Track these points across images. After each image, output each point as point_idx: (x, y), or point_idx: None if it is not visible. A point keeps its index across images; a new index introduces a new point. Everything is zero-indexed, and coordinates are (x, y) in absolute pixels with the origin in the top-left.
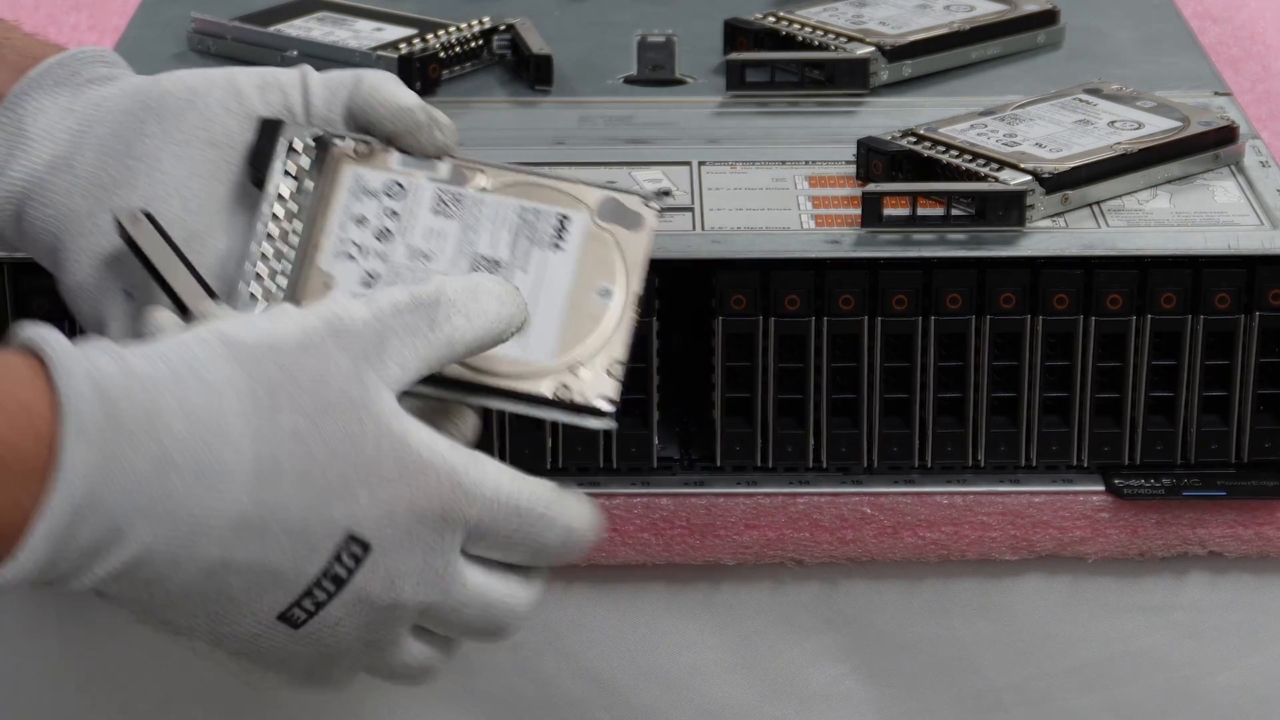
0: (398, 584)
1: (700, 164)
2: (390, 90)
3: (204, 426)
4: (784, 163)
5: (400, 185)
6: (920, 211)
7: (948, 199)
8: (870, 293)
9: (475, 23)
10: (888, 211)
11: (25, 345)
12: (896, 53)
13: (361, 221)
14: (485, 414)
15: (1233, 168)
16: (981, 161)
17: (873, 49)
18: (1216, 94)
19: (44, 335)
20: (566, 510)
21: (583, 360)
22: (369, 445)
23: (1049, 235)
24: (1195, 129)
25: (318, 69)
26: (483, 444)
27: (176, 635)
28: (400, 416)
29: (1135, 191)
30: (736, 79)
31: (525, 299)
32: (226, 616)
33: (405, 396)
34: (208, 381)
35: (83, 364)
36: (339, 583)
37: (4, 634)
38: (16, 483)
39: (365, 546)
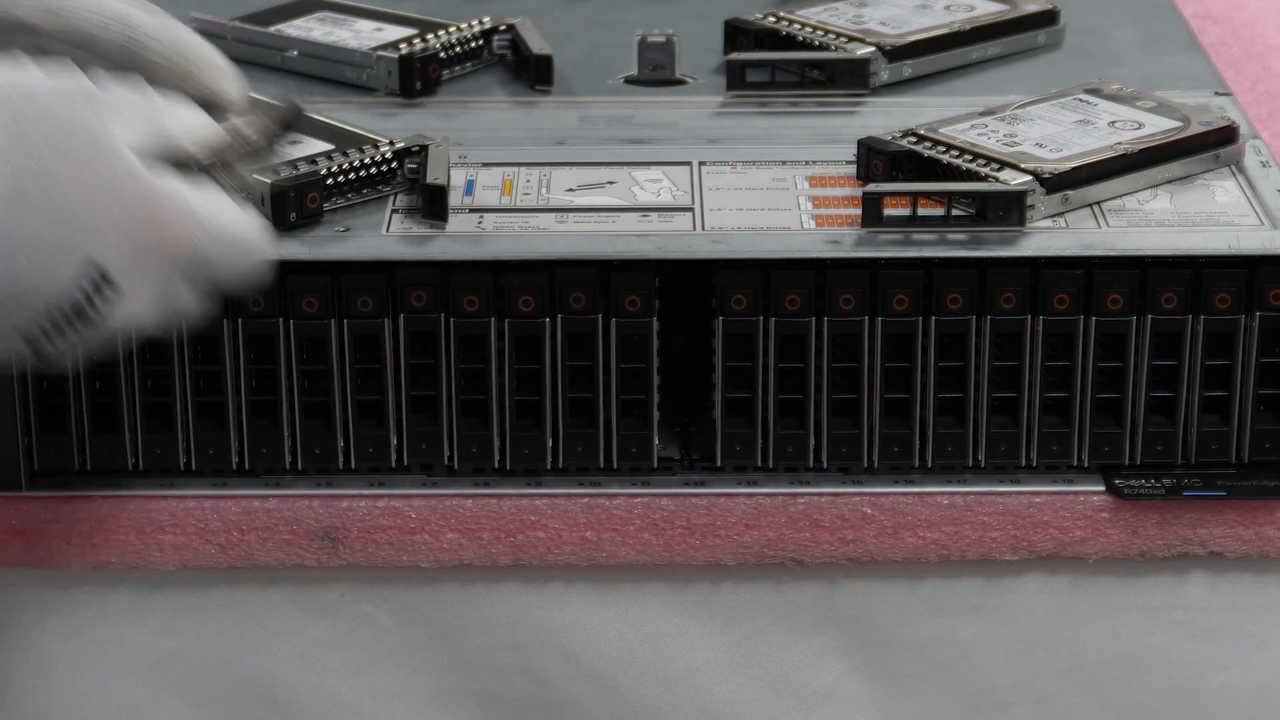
0: (138, 319)
1: (700, 164)
2: None
3: None
4: (784, 163)
5: None
6: (920, 211)
7: (948, 199)
8: (871, 293)
9: (475, 23)
10: (888, 211)
11: None
12: (897, 53)
13: None
14: (482, 413)
15: (1233, 168)
16: (982, 162)
17: (873, 49)
18: (1217, 94)
19: None
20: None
21: None
22: (118, 186)
23: (1049, 235)
24: (1195, 129)
25: (318, 69)
26: (481, 439)
27: None
28: (147, 166)
29: (1135, 191)
30: (737, 79)
31: None
32: None
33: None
34: None
35: None
36: (80, 314)
37: (4, 633)
38: None
39: (110, 282)
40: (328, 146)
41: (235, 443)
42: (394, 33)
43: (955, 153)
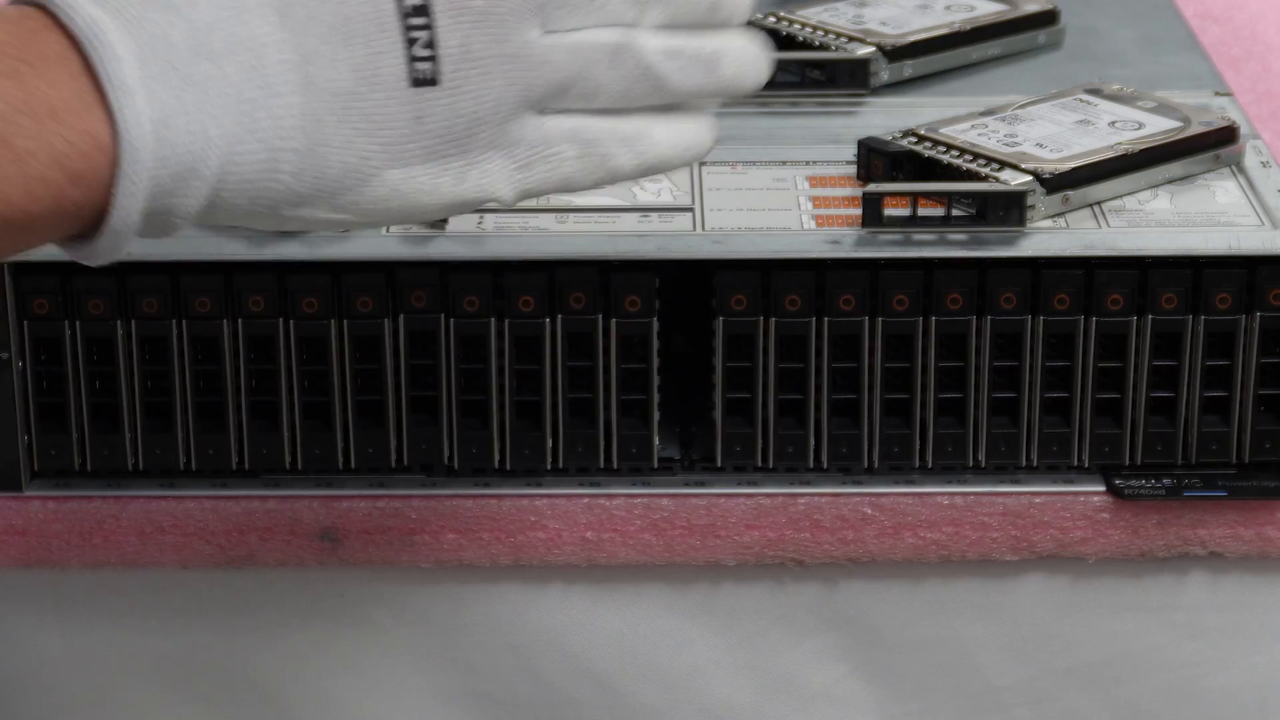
0: None
1: (700, 164)
2: None
3: None
4: (784, 163)
5: None
6: (921, 212)
7: (948, 199)
8: (871, 293)
9: None
10: (888, 212)
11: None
12: (897, 53)
13: None
14: (482, 413)
15: (1233, 168)
16: (982, 162)
17: (873, 49)
18: (1217, 94)
19: None
20: None
21: None
22: None
23: (1049, 235)
24: (1196, 129)
25: None
26: (481, 440)
27: (316, 201)
28: None
29: (1136, 192)
30: None
31: None
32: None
33: None
34: None
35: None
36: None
37: (4, 633)
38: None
39: None
40: None
41: (235, 443)
42: None
43: (955, 153)
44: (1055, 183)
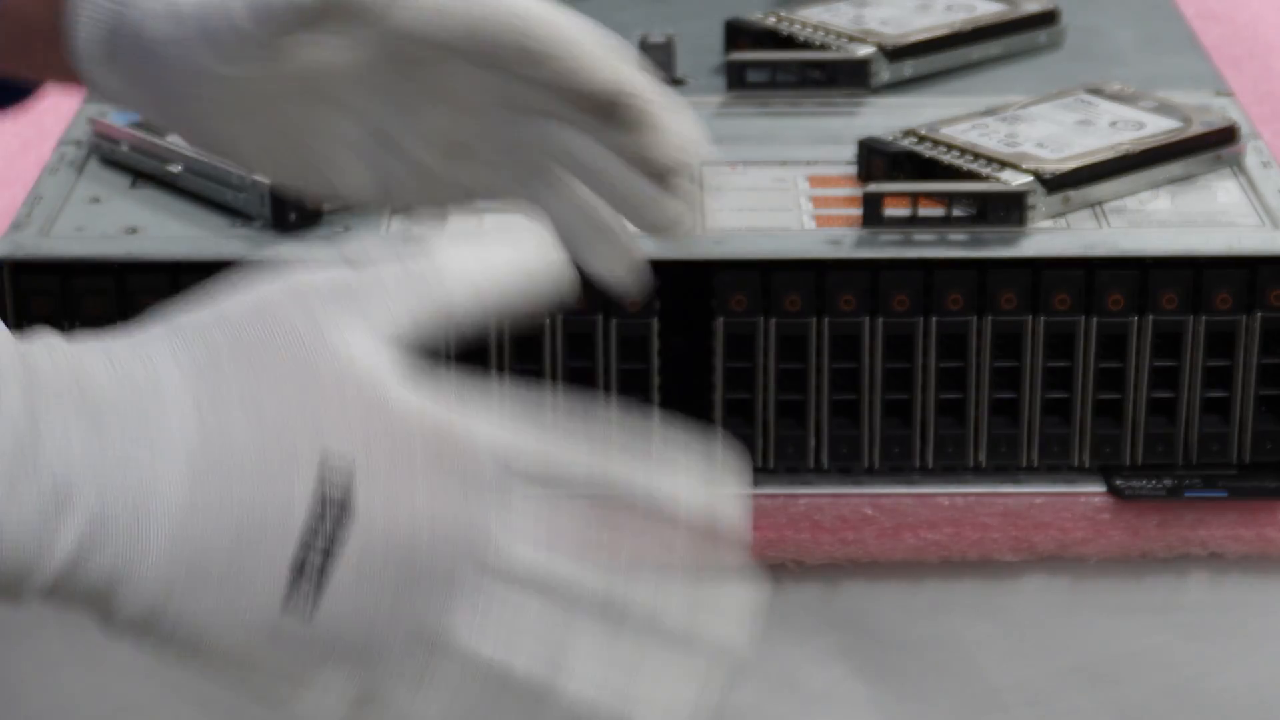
0: (414, 513)
1: (700, 164)
2: None
3: (132, 383)
4: (784, 163)
5: None
6: (921, 212)
7: (948, 199)
8: (871, 293)
9: None
10: (888, 212)
11: None
12: (897, 53)
13: None
14: None
15: (1234, 168)
16: (982, 162)
17: (873, 49)
18: (1217, 94)
19: None
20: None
21: None
22: (327, 375)
23: (1050, 235)
24: (1196, 129)
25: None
26: None
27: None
28: (368, 353)
29: (1136, 192)
30: (737, 79)
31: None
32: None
33: None
34: (138, 344)
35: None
36: (327, 540)
37: (4, 633)
38: None
39: (348, 461)
40: None
41: None
42: None
43: (955, 153)
44: (1056, 183)
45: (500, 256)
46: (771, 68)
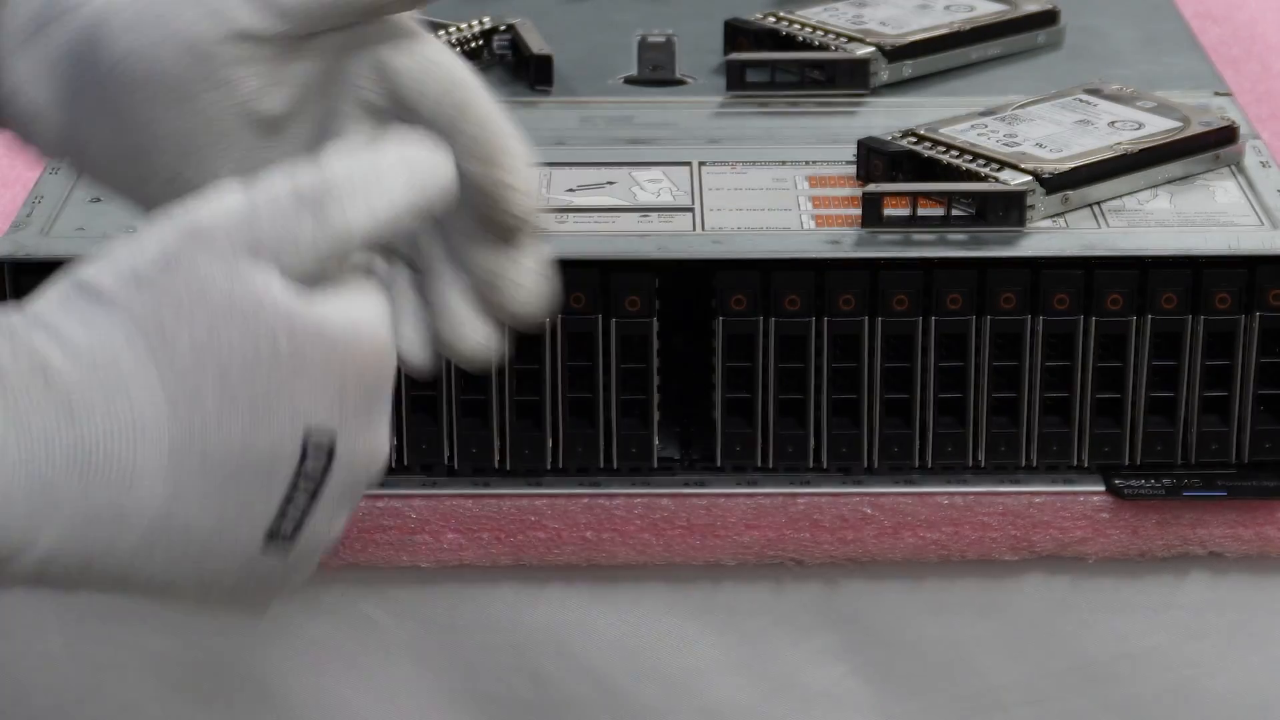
0: (373, 460)
1: (700, 164)
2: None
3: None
4: (784, 163)
5: None
6: (920, 212)
7: (948, 199)
8: (870, 293)
9: (475, 23)
10: (888, 212)
11: None
12: (896, 53)
13: None
14: (482, 413)
15: (1233, 168)
16: (982, 162)
17: (873, 49)
18: (1217, 94)
19: None
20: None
21: None
22: (282, 339)
23: (1049, 235)
24: (1195, 129)
25: None
26: (481, 439)
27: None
28: (299, 297)
29: (1135, 192)
30: (736, 79)
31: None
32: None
33: None
34: (78, 345)
35: None
36: (313, 484)
37: (4, 633)
38: None
39: (330, 436)
40: None
41: None
42: None
43: (955, 153)
44: (1055, 183)
45: (393, 170)
46: (771, 68)
